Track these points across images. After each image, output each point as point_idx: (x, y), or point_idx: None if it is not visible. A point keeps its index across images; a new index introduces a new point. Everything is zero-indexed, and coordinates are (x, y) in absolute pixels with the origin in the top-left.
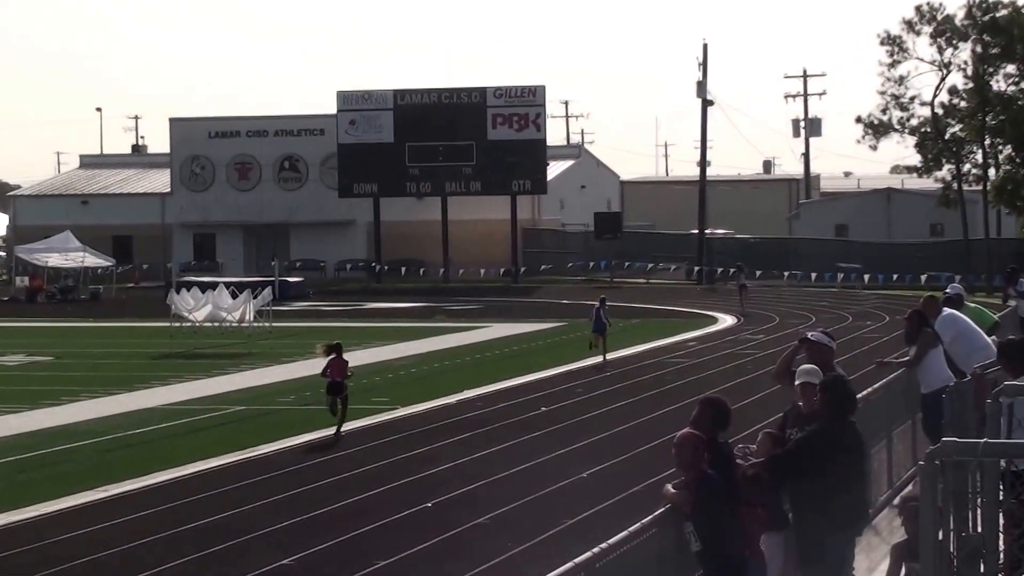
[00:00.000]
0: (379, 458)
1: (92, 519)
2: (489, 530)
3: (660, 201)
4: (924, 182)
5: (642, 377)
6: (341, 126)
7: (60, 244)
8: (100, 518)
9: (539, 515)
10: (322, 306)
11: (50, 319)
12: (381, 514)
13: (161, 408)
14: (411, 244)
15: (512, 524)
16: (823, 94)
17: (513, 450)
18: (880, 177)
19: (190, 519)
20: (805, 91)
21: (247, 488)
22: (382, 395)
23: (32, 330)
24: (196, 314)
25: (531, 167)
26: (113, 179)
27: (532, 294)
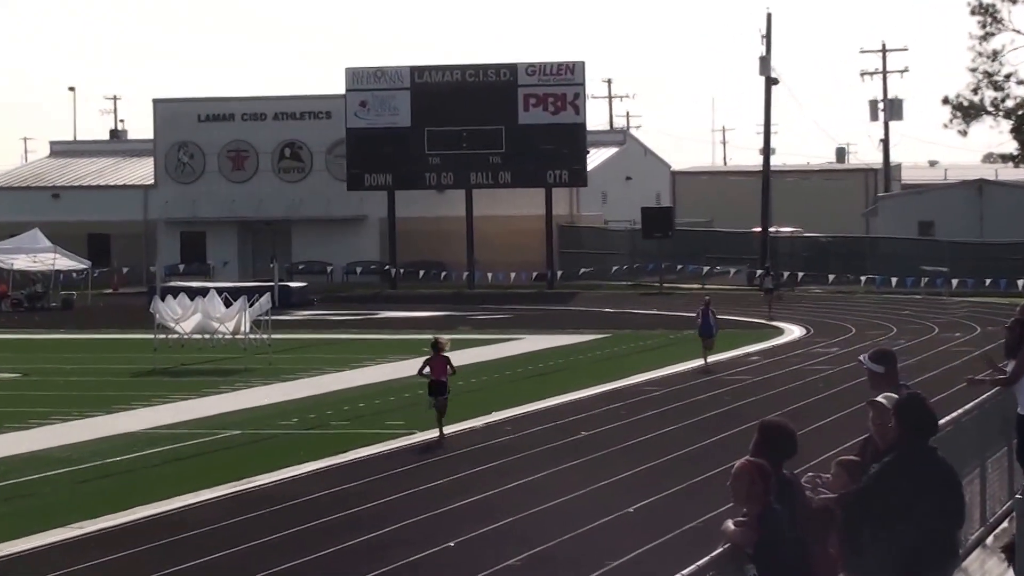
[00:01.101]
0: (394, 490)
1: (64, 560)
2: (520, 573)
3: (717, 194)
4: (1021, 172)
5: (696, 397)
6: (350, 108)
7: (27, 244)
8: (73, 559)
9: (578, 555)
10: (328, 315)
11: (16, 330)
12: (397, 554)
13: (144, 433)
14: (431, 244)
15: (546, 566)
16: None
17: (548, 481)
18: (970, 167)
19: (177, 560)
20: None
21: (243, 525)
22: (397, 418)
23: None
24: (183, 325)
25: (569, 155)
26: (88, 169)
27: (570, 301)
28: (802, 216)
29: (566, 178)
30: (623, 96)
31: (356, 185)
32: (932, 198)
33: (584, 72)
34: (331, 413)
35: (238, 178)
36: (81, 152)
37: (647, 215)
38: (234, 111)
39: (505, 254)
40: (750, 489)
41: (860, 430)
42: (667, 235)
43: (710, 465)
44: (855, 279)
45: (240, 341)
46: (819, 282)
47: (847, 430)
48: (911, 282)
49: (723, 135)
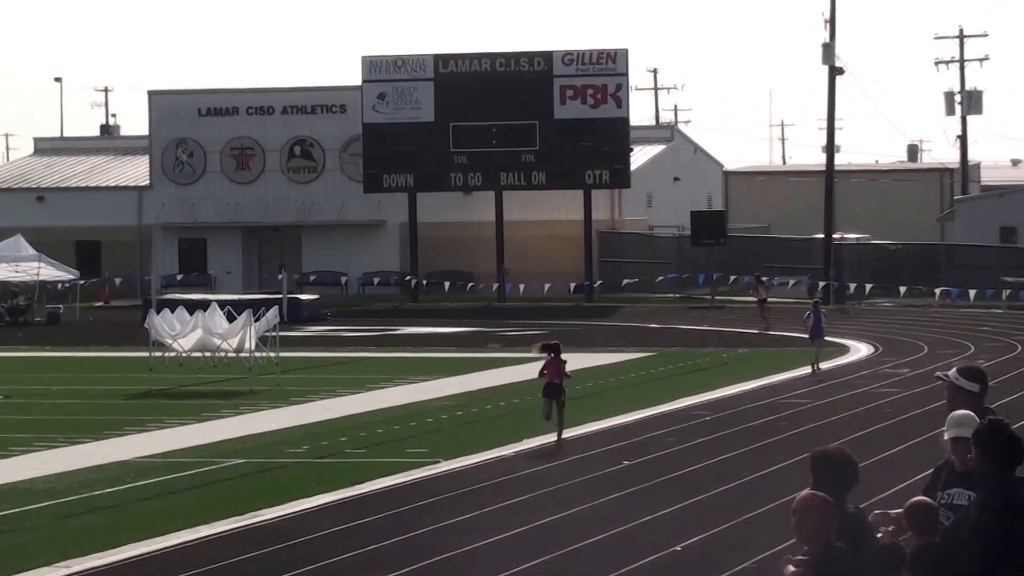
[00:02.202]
0: (414, 527)
1: None
2: None
3: (775, 197)
4: None
5: (750, 423)
6: (367, 101)
7: (9, 252)
8: None
9: None
10: (342, 331)
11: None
12: None
13: (137, 462)
14: (456, 252)
15: None
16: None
17: (585, 516)
18: None
19: None
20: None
21: (246, 564)
22: (419, 445)
23: None
24: (182, 341)
25: (610, 153)
26: (76, 168)
27: (611, 316)
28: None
29: (607, 179)
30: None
31: (373, 187)
32: (1015, 201)
33: (627, 61)
34: (345, 440)
35: (243, 179)
36: (68, 150)
37: (697, 220)
38: (238, 104)
39: (539, 263)
40: (817, 525)
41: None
42: (719, 242)
43: (766, 499)
44: (928, 291)
45: (245, 360)
46: (889, 294)
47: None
48: (991, 294)
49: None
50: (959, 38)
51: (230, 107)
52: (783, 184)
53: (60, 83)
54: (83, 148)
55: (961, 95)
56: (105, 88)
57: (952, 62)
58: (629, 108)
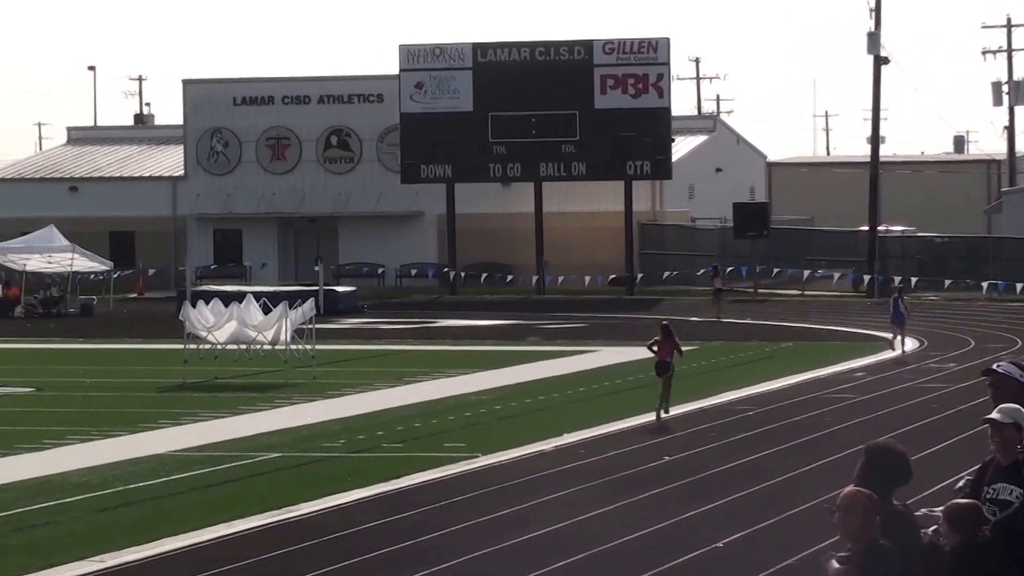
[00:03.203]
0: (453, 521)
1: None
2: None
3: (819, 188)
4: None
5: (794, 417)
6: (404, 90)
7: (41, 243)
8: None
9: None
10: (380, 323)
11: (29, 339)
12: None
13: (172, 455)
14: (495, 244)
15: None
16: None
17: (625, 512)
18: None
19: None
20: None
21: (282, 560)
22: (457, 440)
23: (6, 354)
24: (217, 334)
25: (652, 144)
26: (110, 158)
27: (652, 308)
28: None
29: (648, 170)
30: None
31: (411, 177)
32: None
33: (669, 50)
34: (382, 434)
35: (278, 169)
36: (102, 139)
37: (740, 212)
38: (274, 93)
39: (579, 255)
40: (862, 523)
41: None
42: (762, 234)
43: (809, 495)
44: (975, 285)
45: (280, 352)
46: (934, 288)
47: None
48: None
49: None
50: (1007, 27)
51: (266, 96)
52: (827, 175)
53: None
54: (117, 138)
55: (1009, 85)
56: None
57: (1000, 52)
58: (671, 98)
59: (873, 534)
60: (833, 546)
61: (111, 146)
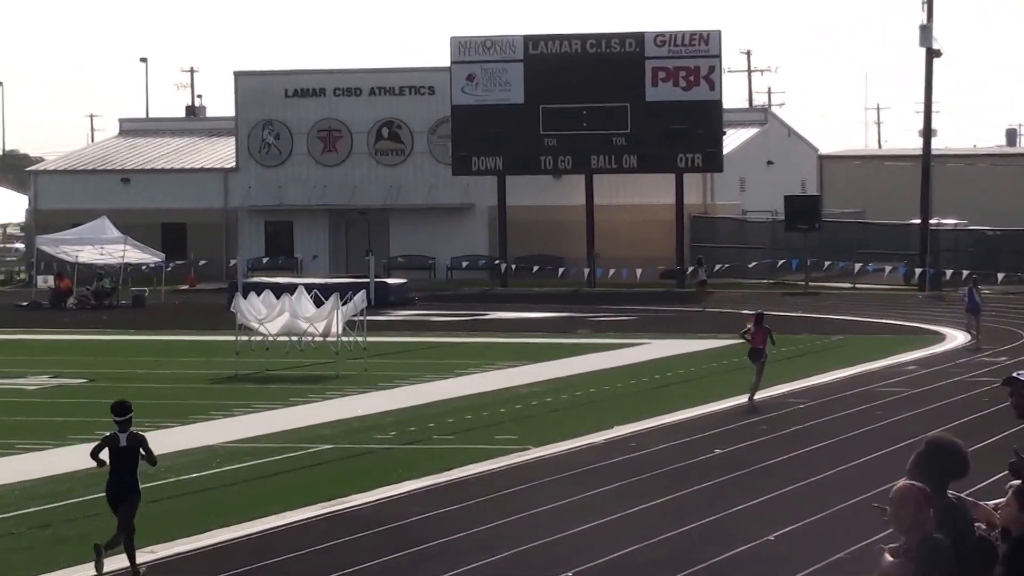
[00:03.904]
0: (501, 514)
1: None
2: None
3: (871, 181)
4: None
5: (845, 411)
6: (456, 83)
7: (94, 234)
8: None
9: None
10: (431, 315)
11: (81, 330)
12: None
13: (223, 446)
14: (546, 236)
15: None
16: None
17: (677, 505)
18: None
19: None
20: None
21: (333, 551)
22: (508, 432)
23: (58, 344)
24: (268, 325)
25: (703, 137)
26: (161, 150)
27: (703, 301)
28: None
29: (699, 162)
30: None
31: (462, 169)
32: None
33: (720, 42)
34: (433, 426)
35: (329, 161)
36: (154, 131)
37: (791, 204)
38: (325, 85)
39: (630, 248)
40: (915, 516)
41: None
42: (813, 227)
43: (860, 488)
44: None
45: (332, 344)
46: (987, 281)
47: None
48: None
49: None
50: None
51: (317, 88)
52: (879, 168)
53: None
54: (168, 129)
55: None
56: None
57: None
58: (722, 91)
59: (926, 527)
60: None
61: (163, 138)
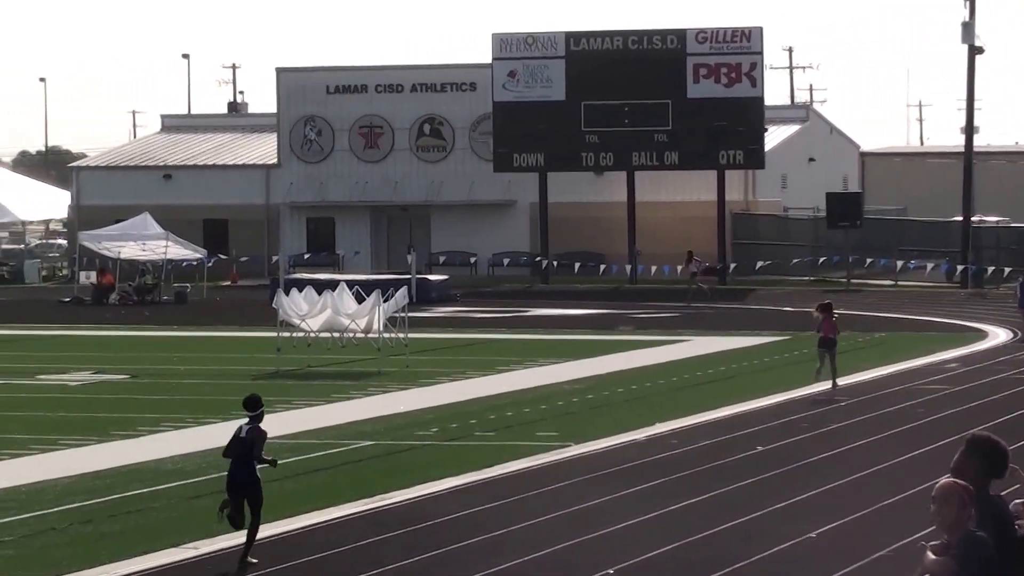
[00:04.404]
0: (542, 512)
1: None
2: None
3: (912, 178)
4: None
5: (886, 408)
6: (497, 79)
7: (136, 230)
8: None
9: None
10: (472, 312)
11: (123, 326)
12: None
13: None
14: (587, 233)
15: None
16: None
17: (718, 502)
18: None
19: None
20: None
21: (374, 548)
22: (549, 428)
23: (101, 340)
24: (310, 322)
25: (744, 134)
26: (203, 146)
27: (744, 298)
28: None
29: (741, 159)
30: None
31: (504, 166)
32: None
33: (762, 39)
34: (475, 423)
35: (371, 157)
36: (196, 127)
37: (833, 201)
38: (367, 82)
39: (671, 245)
40: (957, 513)
41: None
42: (855, 224)
43: (902, 486)
44: None
45: (373, 341)
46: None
47: None
48: None
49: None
50: None
51: (359, 85)
52: (920, 165)
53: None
54: (210, 125)
55: None
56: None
57: None
58: (764, 87)
59: (969, 525)
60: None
61: (205, 134)
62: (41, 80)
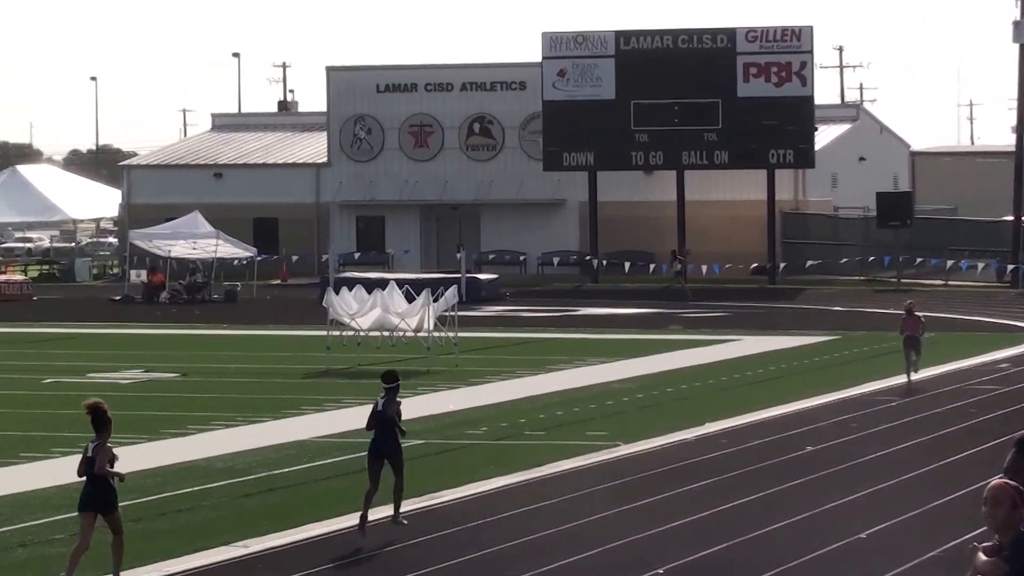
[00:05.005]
0: (591, 511)
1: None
2: None
3: (963, 178)
4: None
5: (937, 409)
6: (547, 78)
7: (186, 228)
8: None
9: None
10: (521, 311)
11: (174, 325)
12: None
13: (314, 441)
14: (637, 232)
15: None
16: None
17: (767, 502)
18: None
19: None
20: None
21: (424, 546)
22: (598, 428)
23: (151, 339)
24: (360, 320)
25: (794, 133)
26: (254, 145)
27: (794, 298)
28: None
29: (791, 158)
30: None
31: (553, 165)
32: None
33: (812, 38)
34: (524, 422)
35: (421, 156)
36: (246, 126)
37: (883, 201)
38: (417, 81)
39: (721, 244)
40: (1008, 515)
41: None
42: (906, 224)
43: (953, 487)
44: None
45: (423, 340)
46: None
47: None
48: None
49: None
50: None
51: (409, 83)
52: (971, 165)
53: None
54: (261, 124)
55: None
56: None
57: None
58: (814, 86)
59: (1020, 526)
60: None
61: (255, 132)
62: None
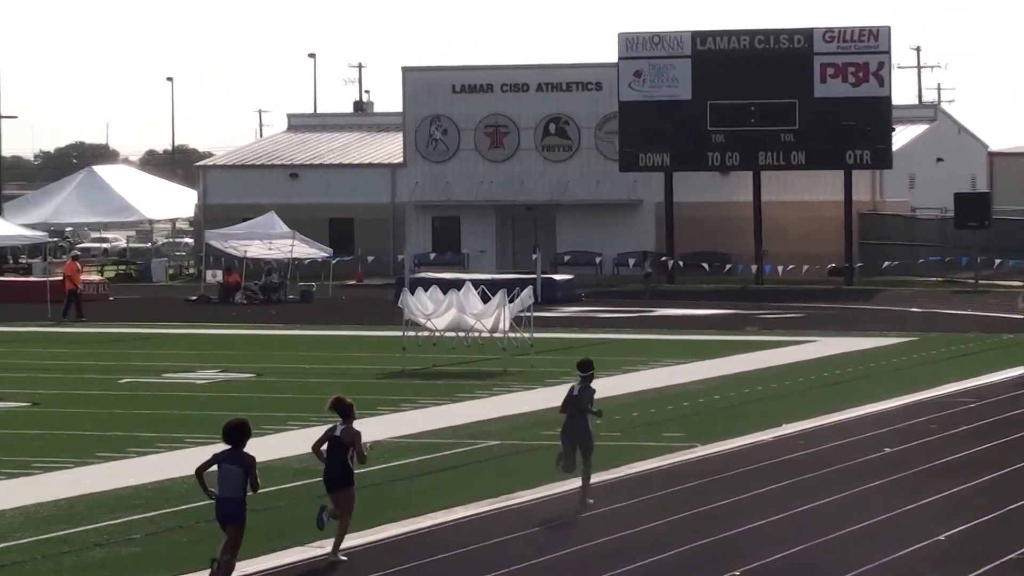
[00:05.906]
0: (667, 513)
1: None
2: None
3: None
4: None
5: (1017, 410)
6: (623, 78)
7: (262, 229)
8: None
9: None
10: (597, 312)
11: (250, 325)
12: None
13: (391, 441)
14: (713, 233)
15: None
16: None
17: (845, 504)
18: None
19: None
20: None
21: (502, 547)
22: (675, 429)
23: (227, 339)
24: (436, 321)
25: (872, 133)
26: (329, 145)
27: (871, 299)
28: None
29: (868, 159)
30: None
31: (629, 165)
32: None
33: (890, 38)
34: (599, 423)
35: (496, 156)
36: (322, 126)
37: (961, 202)
38: (492, 81)
39: (797, 245)
40: None
41: None
42: (983, 225)
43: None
44: None
45: (499, 340)
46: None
47: None
48: None
49: None
50: None
51: (484, 84)
52: None
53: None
54: (336, 125)
55: None
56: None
57: None
58: (891, 87)
59: None
60: None
61: (331, 133)
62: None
